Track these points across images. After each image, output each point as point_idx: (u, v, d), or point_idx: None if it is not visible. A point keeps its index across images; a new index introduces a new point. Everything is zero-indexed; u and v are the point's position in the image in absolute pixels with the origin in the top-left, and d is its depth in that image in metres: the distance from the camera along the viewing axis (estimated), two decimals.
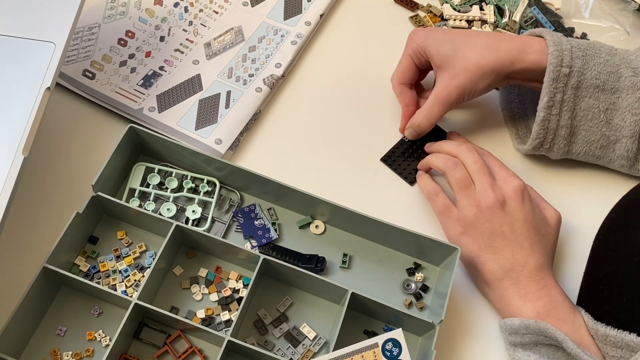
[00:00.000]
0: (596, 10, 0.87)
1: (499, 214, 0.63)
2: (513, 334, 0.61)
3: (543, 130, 0.69)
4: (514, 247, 0.63)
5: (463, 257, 0.66)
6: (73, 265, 0.64)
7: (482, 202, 0.64)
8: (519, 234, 0.63)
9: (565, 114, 0.68)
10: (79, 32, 0.79)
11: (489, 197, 0.63)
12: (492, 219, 0.63)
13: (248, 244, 0.66)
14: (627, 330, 0.56)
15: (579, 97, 0.67)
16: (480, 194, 0.64)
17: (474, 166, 0.66)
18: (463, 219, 0.65)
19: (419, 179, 0.72)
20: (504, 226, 0.63)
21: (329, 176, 0.73)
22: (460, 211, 0.65)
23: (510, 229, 0.63)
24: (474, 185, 0.65)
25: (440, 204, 0.67)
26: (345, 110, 0.79)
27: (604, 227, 0.64)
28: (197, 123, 0.74)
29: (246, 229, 0.67)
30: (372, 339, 0.56)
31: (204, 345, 0.62)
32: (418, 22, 0.86)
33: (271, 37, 0.82)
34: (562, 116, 0.68)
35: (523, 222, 0.63)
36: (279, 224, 0.69)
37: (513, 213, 0.63)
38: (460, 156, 0.68)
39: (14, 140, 0.56)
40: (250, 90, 0.77)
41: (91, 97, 0.75)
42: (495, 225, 0.63)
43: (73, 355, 0.60)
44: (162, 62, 0.79)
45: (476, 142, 0.76)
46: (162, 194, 0.69)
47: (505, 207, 0.63)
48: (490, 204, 0.63)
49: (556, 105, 0.67)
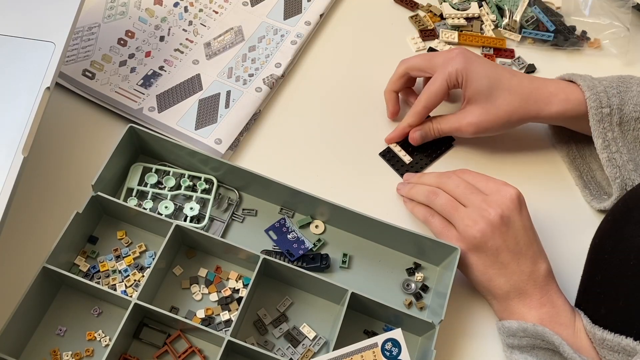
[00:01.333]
0: (596, 8, 0.87)
1: (501, 230, 0.62)
2: (511, 336, 0.61)
3: (615, 169, 0.68)
4: (519, 258, 0.62)
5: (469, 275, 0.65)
6: (73, 265, 0.64)
7: (484, 221, 0.62)
8: (522, 245, 0.62)
9: (622, 149, 0.68)
10: (79, 32, 0.80)
11: (490, 215, 0.62)
12: (495, 236, 0.62)
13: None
14: (623, 334, 0.56)
15: (625, 132, 0.68)
16: (478, 214, 0.62)
17: (458, 189, 0.65)
18: (464, 240, 0.63)
19: (410, 206, 0.70)
20: (508, 240, 0.62)
21: (329, 176, 0.73)
22: (461, 232, 0.63)
23: (514, 241, 0.62)
24: (465, 206, 0.64)
25: (437, 225, 0.66)
26: (345, 110, 0.79)
27: (600, 231, 0.64)
28: (197, 123, 0.74)
29: (281, 244, 0.67)
30: (372, 339, 0.56)
31: (203, 345, 0.62)
32: (418, 22, 0.86)
33: (271, 37, 0.82)
34: (620, 151, 0.68)
35: (524, 231, 0.62)
36: None
37: (514, 225, 0.62)
38: (442, 185, 0.66)
39: (13, 140, 0.56)
40: (250, 90, 0.77)
41: (91, 97, 0.75)
42: (499, 242, 0.62)
43: (73, 355, 0.60)
44: (162, 62, 0.79)
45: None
46: (160, 193, 0.69)
47: (507, 221, 0.62)
48: (492, 221, 0.62)
49: (611, 143, 0.68)
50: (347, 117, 0.78)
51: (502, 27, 0.86)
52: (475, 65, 0.70)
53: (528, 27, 0.85)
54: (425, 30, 0.86)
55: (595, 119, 0.68)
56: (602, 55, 0.86)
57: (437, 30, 0.86)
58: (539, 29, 0.86)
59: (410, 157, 0.75)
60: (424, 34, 0.85)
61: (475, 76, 0.69)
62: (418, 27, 0.86)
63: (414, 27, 0.86)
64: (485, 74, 0.70)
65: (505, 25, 0.86)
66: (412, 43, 0.85)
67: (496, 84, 0.69)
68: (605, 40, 0.86)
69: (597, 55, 0.86)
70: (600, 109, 0.67)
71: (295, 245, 0.67)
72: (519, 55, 0.84)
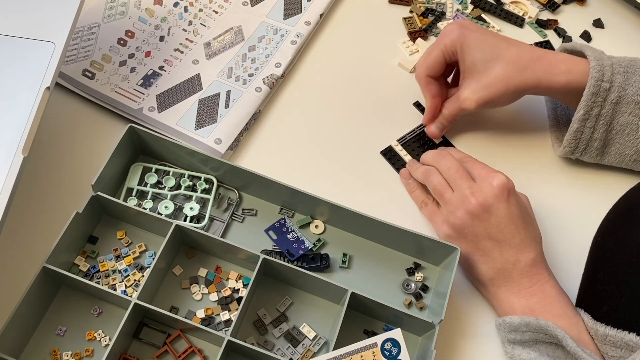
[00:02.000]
0: None
1: (482, 218, 0.62)
2: (512, 332, 0.61)
3: (575, 141, 0.70)
4: (502, 247, 0.62)
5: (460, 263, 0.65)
6: (73, 265, 0.64)
7: (464, 209, 0.63)
8: (506, 233, 0.62)
9: (600, 128, 0.68)
10: (79, 32, 0.79)
11: (470, 204, 0.62)
12: (476, 224, 0.62)
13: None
14: (626, 330, 0.56)
15: (618, 112, 0.68)
16: (461, 201, 0.63)
17: (449, 172, 0.66)
18: (447, 224, 0.65)
19: (410, 188, 0.72)
20: (490, 229, 0.62)
21: (329, 176, 0.73)
22: (445, 217, 0.65)
23: (498, 229, 0.62)
24: (452, 190, 0.65)
25: (427, 211, 0.69)
26: (344, 109, 0.79)
27: (602, 228, 0.64)
28: (197, 123, 0.74)
29: (281, 244, 0.67)
30: (371, 339, 0.56)
31: (203, 345, 0.62)
32: (410, 24, 0.86)
33: (271, 37, 0.82)
34: (597, 129, 0.68)
35: (509, 220, 0.62)
36: None
37: (498, 213, 0.62)
38: (436, 165, 0.68)
39: (13, 140, 0.56)
40: (250, 90, 0.77)
41: (91, 96, 0.75)
42: (480, 230, 0.62)
43: (73, 355, 0.60)
44: (161, 62, 0.79)
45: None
46: (160, 193, 0.69)
47: (490, 209, 0.62)
48: (471, 210, 0.62)
49: (592, 118, 0.68)
50: (347, 117, 0.78)
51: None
52: (470, 34, 0.69)
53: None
54: (415, 32, 0.85)
55: (590, 90, 0.66)
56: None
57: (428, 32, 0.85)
58: None
59: (411, 157, 0.75)
60: (413, 36, 0.85)
61: (470, 47, 0.69)
62: (408, 29, 0.85)
63: (405, 29, 0.86)
64: (480, 45, 0.69)
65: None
66: (404, 47, 0.84)
67: (492, 54, 0.68)
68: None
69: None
70: (600, 82, 0.66)
71: (295, 245, 0.67)
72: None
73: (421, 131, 0.77)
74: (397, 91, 0.80)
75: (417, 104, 0.80)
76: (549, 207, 0.72)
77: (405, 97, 0.80)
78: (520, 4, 0.90)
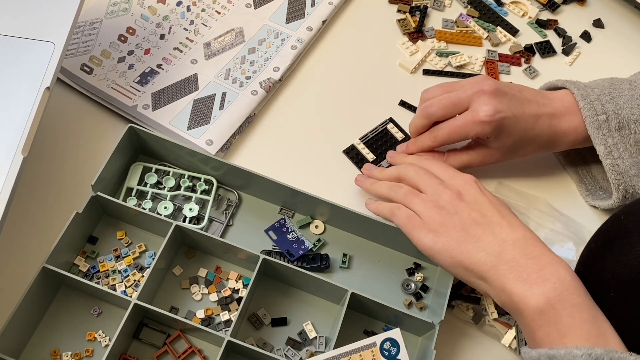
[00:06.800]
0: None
1: (460, 205, 0.60)
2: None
3: (619, 176, 0.67)
4: (493, 228, 0.58)
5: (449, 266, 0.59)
6: (72, 265, 0.64)
7: (439, 200, 0.61)
8: (491, 216, 0.59)
9: (624, 154, 0.67)
10: (80, 27, 0.80)
11: (444, 194, 0.61)
12: (456, 210, 0.60)
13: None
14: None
15: (625, 137, 0.67)
16: (434, 195, 0.62)
17: (416, 177, 0.64)
18: (428, 222, 0.60)
19: (372, 207, 0.66)
20: (472, 213, 0.59)
21: (323, 179, 0.73)
22: (422, 216, 0.61)
23: (480, 214, 0.59)
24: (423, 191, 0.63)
25: (403, 216, 0.62)
26: (340, 119, 0.78)
27: (582, 258, 0.61)
28: (190, 123, 0.73)
29: (281, 244, 0.67)
30: (370, 339, 0.56)
31: (203, 346, 0.62)
32: (404, 25, 0.85)
33: (272, 40, 0.81)
34: (623, 157, 0.67)
35: (490, 205, 0.60)
36: None
37: (475, 199, 0.60)
38: (401, 176, 0.66)
39: (13, 140, 0.56)
40: (245, 92, 0.76)
41: (87, 92, 0.74)
42: (463, 214, 0.60)
43: (73, 355, 0.60)
44: (160, 60, 0.79)
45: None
46: (160, 193, 0.69)
47: (464, 197, 0.61)
48: (447, 199, 0.61)
49: (613, 149, 0.67)
50: (342, 126, 0.77)
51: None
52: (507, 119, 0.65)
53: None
54: (412, 33, 0.85)
55: (592, 126, 0.67)
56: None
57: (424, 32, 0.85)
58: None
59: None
60: (413, 36, 0.84)
61: (504, 133, 0.66)
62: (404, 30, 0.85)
63: (400, 31, 0.86)
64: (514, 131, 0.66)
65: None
66: (403, 48, 0.84)
67: (523, 138, 0.67)
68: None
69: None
70: (596, 117, 0.66)
71: (295, 245, 0.67)
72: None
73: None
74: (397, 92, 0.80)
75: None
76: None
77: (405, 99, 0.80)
78: (520, 4, 0.90)
